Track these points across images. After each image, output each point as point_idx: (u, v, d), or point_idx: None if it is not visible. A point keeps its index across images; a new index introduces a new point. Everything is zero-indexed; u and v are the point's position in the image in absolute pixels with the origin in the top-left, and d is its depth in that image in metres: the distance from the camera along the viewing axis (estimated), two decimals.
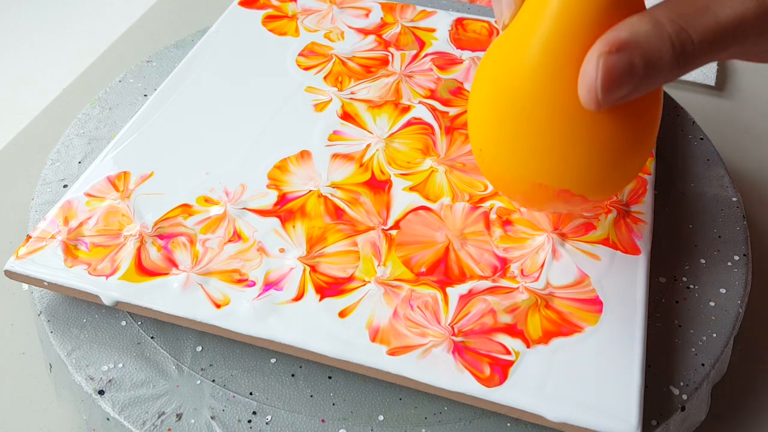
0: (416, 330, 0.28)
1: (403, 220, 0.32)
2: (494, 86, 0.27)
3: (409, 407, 0.28)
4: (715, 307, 0.31)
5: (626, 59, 0.22)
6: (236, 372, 0.29)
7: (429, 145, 0.36)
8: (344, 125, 0.37)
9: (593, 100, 0.23)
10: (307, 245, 0.31)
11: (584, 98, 0.23)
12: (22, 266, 0.30)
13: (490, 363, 0.27)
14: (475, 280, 0.30)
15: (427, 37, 0.43)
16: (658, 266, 0.33)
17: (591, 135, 0.25)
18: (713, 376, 0.30)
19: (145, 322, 0.31)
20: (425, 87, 0.40)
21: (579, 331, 0.28)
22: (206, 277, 0.30)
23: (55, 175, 0.37)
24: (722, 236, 0.34)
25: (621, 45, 0.22)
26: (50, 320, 0.30)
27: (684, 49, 0.23)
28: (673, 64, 0.23)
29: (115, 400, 0.28)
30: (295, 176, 0.34)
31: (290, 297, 0.29)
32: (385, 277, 0.30)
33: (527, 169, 0.27)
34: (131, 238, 0.31)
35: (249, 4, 0.45)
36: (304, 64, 0.41)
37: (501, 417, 0.28)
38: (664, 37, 0.22)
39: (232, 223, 0.32)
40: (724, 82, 0.52)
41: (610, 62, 0.22)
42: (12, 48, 1.34)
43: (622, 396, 0.26)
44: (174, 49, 0.45)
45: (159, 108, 0.38)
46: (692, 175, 0.37)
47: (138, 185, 0.34)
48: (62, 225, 0.32)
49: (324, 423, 0.28)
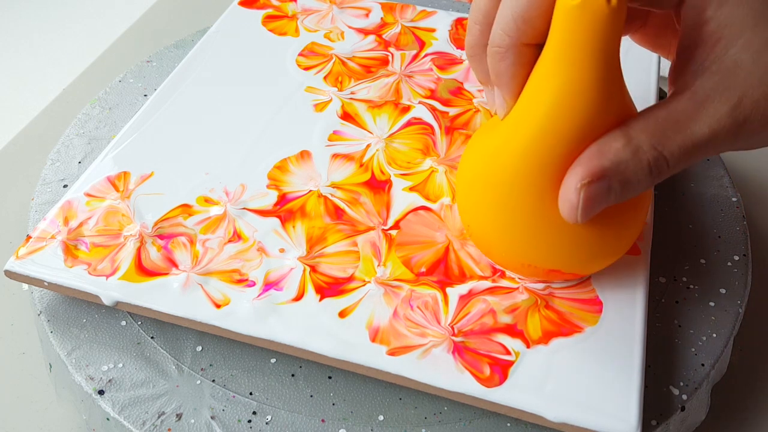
0: (416, 330, 0.28)
1: (403, 220, 0.32)
2: (483, 168, 0.27)
3: (409, 407, 0.28)
4: (715, 307, 0.31)
5: (605, 185, 0.24)
6: (236, 372, 0.29)
7: (429, 145, 0.36)
8: (344, 125, 0.37)
9: (573, 219, 0.25)
10: (307, 245, 0.31)
11: (565, 215, 0.25)
12: (22, 266, 0.30)
13: (490, 363, 0.27)
14: (475, 280, 0.30)
15: (427, 37, 0.43)
16: (658, 266, 0.33)
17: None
18: (713, 376, 0.30)
19: (145, 322, 0.31)
20: (425, 87, 0.40)
21: (579, 331, 0.28)
22: (206, 277, 0.30)
23: (55, 175, 0.37)
24: (722, 236, 0.34)
25: (602, 174, 0.24)
26: (50, 320, 0.30)
27: (660, 170, 0.24)
28: (648, 183, 0.24)
29: (115, 400, 0.28)
30: (295, 176, 0.34)
31: (290, 297, 0.29)
32: (385, 277, 0.30)
33: (515, 251, 0.27)
34: (131, 238, 0.31)
35: (249, 4, 0.45)
36: (304, 64, 0.41)
37: (501, 417, 0.28)
38: (642, 164, 0.24)
39: (232, 223, 0.32)
40: None
41: (590, 191, 0.24)
42: (12, 48, 1.34)
43: (622, 396, 0.26)
44: (174, 49, 0.45)
45: (159, 108, 0.38)
46: (692, 175, 0.37)
47: (138, 185, 0.34)
48: (62, 225, 0.32)
49: (324, 423, 0.28)
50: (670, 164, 0.24)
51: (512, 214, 0.27)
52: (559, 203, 0.25)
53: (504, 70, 0.26)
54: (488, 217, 0.27)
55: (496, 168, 0.26)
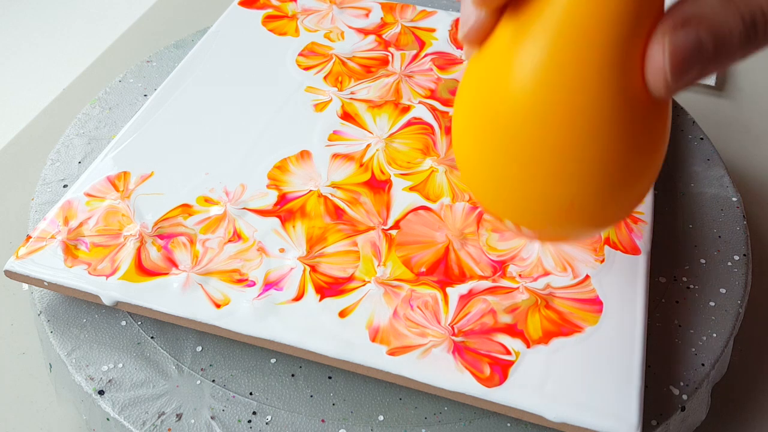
0: (416, 330, 0.28)
1: (403, 220, 0.32)
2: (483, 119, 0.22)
3: (409, 407, 0.28)
4: (715, 307, 0.31)
5: (693, 35, 0.20)
6: (236, 372, 0.29)
7: (429, 145, 0.36)
8: (344, 125, 0.37)
9: (663, 84, 0.20)
10: (307, 245, 0.31)
11: (652, 84, 0.20)
12: (22, 266, 0.30)
13: (490, 363, 0.27)
14: (475, 280, 0.30)
15: (427, 37, 0.43)
16: (658, 266, 0.33)
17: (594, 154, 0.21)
18: (713, 376, 0.30)
19: (145, 322, 0.31)
20: (425, 87, 0.40)
21: (579, 331, 0.28)
22: (206, 277, 0.30)
23: (55, 175, 0.37)
24: (722, 236, 0.34)
25: (687, 20, 0.20)
26: (50, 320, 0.30)
27: (755, 26, 0.20)
28: (743, 41, 0.20)
29: (115, 400, 0.28)
30: (295, 176, 0.34)
31: (290, 297, 0.29)
32: (385, 277, 0.30)
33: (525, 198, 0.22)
34: (131, 238, 0.31)
35: (249, 4, 0.45)
36: (304, 64, 0.41)
37: (501, 417, 0.28)
38: (734, 14, 0.20)
39: (232, 223, 0.32)
40: (724, 82, 0.52)
41: (676, 41, 0.20)
42: (12, 48, 1.34)
43: (622, 396, 0.26)
44: (174, 49, 0.45)
45: (159, 108, 0.38)
46: (692, 175, 0.37)
47: (138, 185, 0.34)
48: (62, 225, 0.32)
49: (324, 423, 0.28)
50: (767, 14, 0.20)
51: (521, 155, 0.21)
52: (645, 72, 0.20)
53: None
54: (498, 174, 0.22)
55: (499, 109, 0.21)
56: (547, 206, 0.22)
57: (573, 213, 0.22)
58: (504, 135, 0.21)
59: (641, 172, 0.22)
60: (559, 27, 0.19)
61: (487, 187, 0.23)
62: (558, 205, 0.22)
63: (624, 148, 0.21)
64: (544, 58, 0.20)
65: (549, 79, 0.20)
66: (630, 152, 0.21)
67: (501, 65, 0.21)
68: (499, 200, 0.23)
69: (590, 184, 0.21)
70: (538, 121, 0.20)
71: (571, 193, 0.21)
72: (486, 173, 0.22)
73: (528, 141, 0.21)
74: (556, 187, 0.21)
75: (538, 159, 0.21)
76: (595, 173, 0.21)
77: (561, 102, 0.20)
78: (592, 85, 0.19)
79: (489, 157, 0.22)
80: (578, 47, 0.19)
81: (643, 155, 0.21)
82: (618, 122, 0.20)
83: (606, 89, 0.20)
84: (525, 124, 0.20)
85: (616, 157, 0.21)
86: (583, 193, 0.21)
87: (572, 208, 0.22)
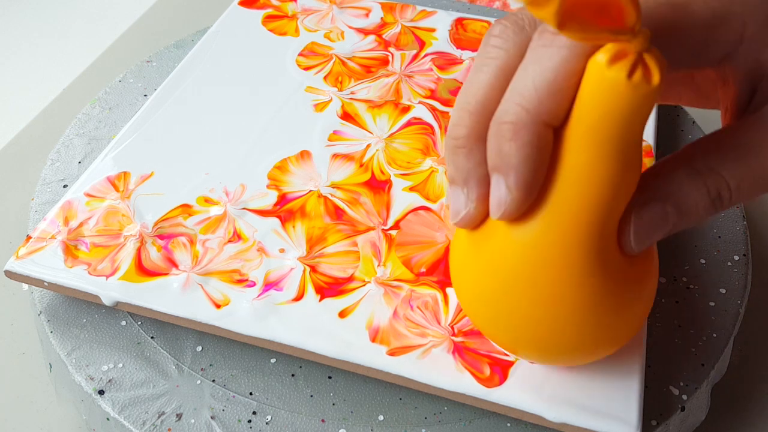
0: (416, 330, 0.28)
1: (403, 221, 0.32)
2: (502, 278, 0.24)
3: (409, 407, 0.28)
4: (715, 307, 0.31)
5: (660, 209, 0.22)
6: (236, 372, 0.29)
7: (429, 145, 0.36)
8: (344, 125, 0.37)
9: (628, 248, 0.23)
10: (307, 245, 0.31)
11: (623, 246, 0.23)
12: (22, 266, 0.30)
13: (490, 363, 0.27)
14: None
15: (427, 37, 0.43)
16: (658, 266, 0.33)
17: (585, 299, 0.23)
18: (713, 376, 0.30)
19: (145, 322, 0.31)
20: (425, 87, 0.40)
21: None
22: (206, 277, 0.30)
23: (55, 175, 0.37)
24: (722, 236, 0.34)
25: (654, 196, 0.22)
26: (50, 320, 0.30)
27: (720, 197, 0.22)
28: (708, 210, 0.22)
29: (115, 400, 0.28)
30: (295, 176, 0.34)
31: (290, 297, 0.29)
32: (385, 277, 0.30)
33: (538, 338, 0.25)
34: (131, 239, 0.31)
35: (249, 4, 0.45)
36: (304, 64, 0.41)
37: (501, 417, 0.28)
38: (700, 188, 0.22)
39: (232, 223, 0.32)
40: None
41: (643, 215, 0.22)
42: (12, 48, 1.34)
43: (622, 396, 0.26)
44: (174, 49, 0.45)
45: (159, 108, 0.38)
46: None
47: (138, 185, 0.34)
48: (62, 225, 0.32)
49: (324, 423, 0.28)
50: (732, 191, 0.21)
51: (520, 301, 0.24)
52: (618, 241, 0.23)
53: (514, 151, 0.21)
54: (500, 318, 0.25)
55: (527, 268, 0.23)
56: (543, 345, 0.24)
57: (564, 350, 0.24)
58: (504, 289, 0.24)
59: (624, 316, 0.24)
60: (551, 209, 0.22)
61: (490, 330, 0.25)
62: (553, 344, 0.24)
63: (608, 293, 0.23)
64: (539, 231, 0.22)
65: (542, 251, 0.22)
66: (613, 297, 0.23)
67: (499, 239, 0.23)
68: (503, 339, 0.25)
69: (579, 328, 0.23)
70: (533, 278, 0.23)
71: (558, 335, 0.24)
72: (489, 317, 0.25)
73: (524, 294, 0.23)
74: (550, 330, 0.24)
75: (536, 306, 0.23)
76: (585, 317, 0.23)
77: (553, 264, 0.22)
78: (578, 251, 0.22)
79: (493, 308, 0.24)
80: (566, 225, 0.22)
81: (627, 299, 0.24)
82: (601, 276, 0.23)
83: (589, 253, 0.22)
84: (522, 281, 0.23)
85: (602, 300, 0.23)
86: (570, 336, 0.24)
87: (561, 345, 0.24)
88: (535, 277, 0.23)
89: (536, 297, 0.23)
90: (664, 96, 0.28)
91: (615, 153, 0.21)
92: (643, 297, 0.25)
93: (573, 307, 0.23)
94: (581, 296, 0.23)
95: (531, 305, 0.23)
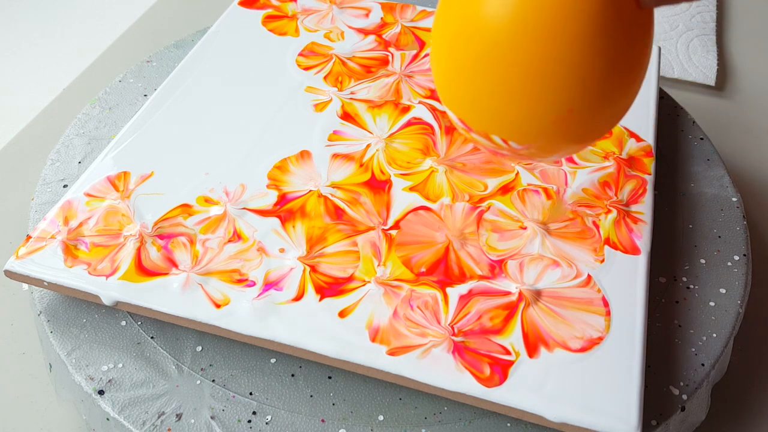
0: (416, 330, 0.28)
1: (403, 220, 0.32)
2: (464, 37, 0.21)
3: (409, 407, 0.28)
4: (715, 307, 0.31)
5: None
6: (236, 372, 0.29)
7: (429, 145, 0.36)
8: (344, 125, 0.37)
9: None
10: (307, 245, 0.31)
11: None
12: (22, 266, 0.30)
13: (490, 363, 0.27)
14: (475, 280, 0.30)
15: (427, 37, 0.43)
16: (658, 266, 0.33)
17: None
18: (713, 376, 0.30)
19: (145, 322, 0.31)
20: (425, 87, 0.40)
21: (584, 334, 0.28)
22: (206, 277, 0.30)
23: (55, 175, 0.37)
24: (722, 236, 0.34)
25: None
26: (50, 320, 0.30)
27: None
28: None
29: (115, 400, 0.28)
30: (295, 176, 0.34)
31: (290, 297, 0.29)
32: (385, 277, 0.30)
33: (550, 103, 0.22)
34: (131, 238, 0.31)
35: (249, 4, 0.45)
36: (304, 64, 0.41)
37: (501, 417, 0.28)
38: None
39: (232, 223, 0.32)
40: (724, 82, 0.52)
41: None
42: (12, 48, 1.34)
43: (622, 396, 0.26)
44: (174, 49, 0.45)
45: (159, 108, 0.38)
46: (692, 175, 0.37)
47: (138, 185, 0.34)
48: (62, 225, 0.32)
49: (324, 423, 0.28)
50: None
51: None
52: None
53: None
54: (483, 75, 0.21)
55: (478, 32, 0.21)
56: (537, 118, 0.21)
57: (563, 123, 0.21)
58: (493, 46, 0.20)
59: (628, 80, 0.22)
60: None
61: (473, 103, 0.22)
62: (548, 116, 0.21)
63: (613, 55, 0.20)
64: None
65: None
66: (618, 59, 0.21)
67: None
68: (487, 115, 0.22)
69: (581, 92, 0.21)
70: (529, 30, 0.20)
71: (562, 103, 0.21)
72: (473, 89, 0.22)
73: (518, 51, 0.20)
74: (548, 98, 0.21)
75: (529, 69, 0.20)
76: (587, 80, 0.20)
77: (552, 7, 0.20)
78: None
79: (477, 72, 0.21)
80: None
81: (630, 64, 0.21)
82: (607, 29, 0.20)
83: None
84: (515, 32, 0.20)
85: (606, 64, 0.20)
86: (574, 102, 0.21)
87: (563, 118, 0.21)
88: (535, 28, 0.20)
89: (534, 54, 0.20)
90: None
91: None
92: (643, 71, 0.22)
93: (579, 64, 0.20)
94: (591, 53, 0.20)
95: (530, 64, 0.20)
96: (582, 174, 0.35)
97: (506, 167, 0.35)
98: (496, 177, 0.34)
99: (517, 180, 0.34)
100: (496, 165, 0.35)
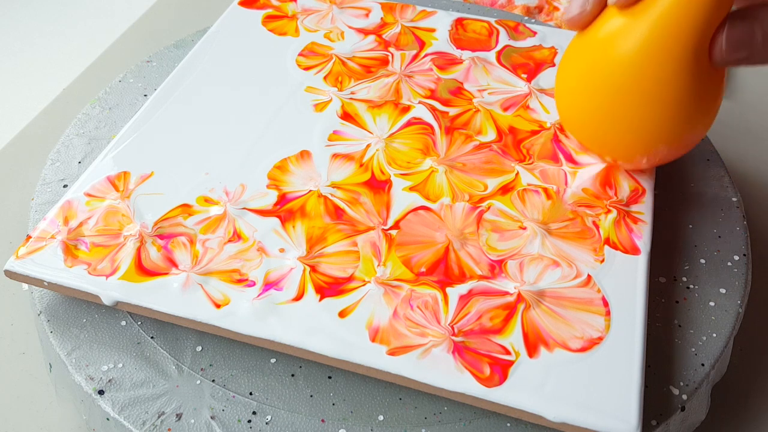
0: (416, 330, 0.28)
1: (403, 220, 0.32)
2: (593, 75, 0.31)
3: (409, 407, 0.28)
4: (715, 307, 0.31)
5: (748, 27, 0.27)
6: (236, 372, 0.29)
7: (429, 145, 0.36)
8: (344, 125, 0.37)
9: (719, 57, 0.28)
10: (307, 245, 0.31)
11: (713, 56, 0.29)
12: (22, 266, 0.30)
13: (490, 363, 0.27)
14: (475, 280, 0.30)
15: (427, 37, 0.43)
16: (658, 266, 0.33)
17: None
18: (713, 376, 0.30)
19: (145, 322, 0.31)
20: (425, 87, 0.40)
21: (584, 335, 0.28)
22: (206, 277, 0.30)
23: (55, 175, 0.37)
24: (722, 236, 0.34)
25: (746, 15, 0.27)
26: (50, 320, 0.30)
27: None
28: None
29: (115, 400, 0.28)
30: (295, 176, 0.34)
31: (290, 297, 0.29)
32: (385, 277, 0.30)
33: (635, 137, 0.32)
34: (131, 238, 0.31)
35: (249, 4, 0.45)
36: (304, 64, 0.41)
37: (501, 417, 0.28)
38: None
39: (232, 223, 0.32)
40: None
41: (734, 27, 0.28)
42: (12, 48, 1.34)
43: (622, 396, 0.26)
44: (174, 49, 0.45)
45: (159, 108, 0.38)
46: (692, 175, 0.37)
47: (138, 185, 0.34)
48: (62, 225, 0.32)
49: (324, 423, 0.28)
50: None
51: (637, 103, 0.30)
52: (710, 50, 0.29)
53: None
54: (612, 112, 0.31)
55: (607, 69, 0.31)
56: (641, 147, 0.32)
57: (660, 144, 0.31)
58: (613, 91, 0.31)
59: (706, 112, 0.31)
60: (658, 17, 0.29)
61: (593, 134, 0.33)
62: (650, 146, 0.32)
63: (696, 95, 0.30)
64: (647, 36, 0.29)
65: (650, 51, 0.29)
66: (700, 98, 0.30)
67: (613, 41, 0.30)
68: (606, 145, 0.33)
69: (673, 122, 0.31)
70: (639, 79, 0.30)
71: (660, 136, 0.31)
72: (594, 122, 0.32)
73: (631, 94, 0.30)
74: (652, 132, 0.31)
75: (640, 105, 0.30)
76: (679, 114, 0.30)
77: (658, 66, 0.29)
78: (679, 56, 0.29)
79: (599, 109, 0.32)
80: (670, 32, 0.29)
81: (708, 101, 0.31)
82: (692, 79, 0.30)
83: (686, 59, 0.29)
84: (631, 81, 0.30)
85: (691, 101, 0.30)
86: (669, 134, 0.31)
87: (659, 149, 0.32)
88: (642, 82, 0.30)
89: (643, 99, 0.30)
90: None
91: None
92: (717, 104, 0.32)
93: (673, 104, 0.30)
94: (680, 95, 0.30)
95: (639, 105, 0.30)
96: (582, 174, 0.35)
97: (506, 167, 0.35)
98: (496, 177, 0.34)
99: (517, 180, 0.34)
100: (496, 165, 0.35)
